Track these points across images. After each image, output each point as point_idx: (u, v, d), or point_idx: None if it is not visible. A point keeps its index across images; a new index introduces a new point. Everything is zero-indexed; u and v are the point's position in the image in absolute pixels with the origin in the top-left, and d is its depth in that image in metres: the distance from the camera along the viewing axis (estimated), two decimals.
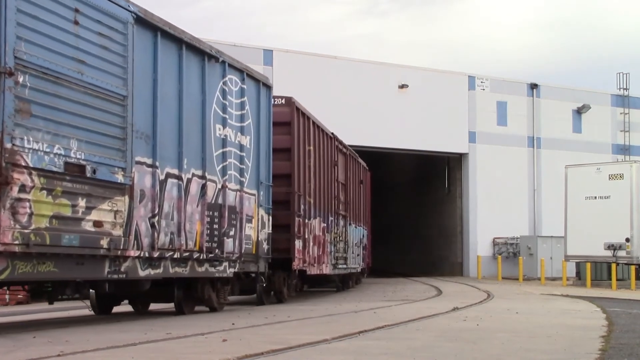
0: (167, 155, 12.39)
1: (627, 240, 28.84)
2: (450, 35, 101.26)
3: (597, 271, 29.14)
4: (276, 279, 17.72)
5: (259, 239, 15.81)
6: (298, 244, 17.99)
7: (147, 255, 11.71)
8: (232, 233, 14.50)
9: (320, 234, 20.55)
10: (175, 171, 12.62)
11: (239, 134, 14.92)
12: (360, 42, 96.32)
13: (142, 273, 11.79)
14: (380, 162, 43.04)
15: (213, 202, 13.79)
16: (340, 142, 23.70)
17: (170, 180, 12.46)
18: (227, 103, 14.41)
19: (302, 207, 18.35)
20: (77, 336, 9.47)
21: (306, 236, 18.77)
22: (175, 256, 12.52)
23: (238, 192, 14.84)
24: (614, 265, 28.16)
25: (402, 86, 38.83)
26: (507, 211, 40.56)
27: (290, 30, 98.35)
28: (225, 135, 14.30)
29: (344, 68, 37.52)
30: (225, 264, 14.36)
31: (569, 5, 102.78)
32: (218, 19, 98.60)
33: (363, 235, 29.02)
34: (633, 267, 28.55)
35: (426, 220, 46.40)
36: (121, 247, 11.02)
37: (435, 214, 44.81)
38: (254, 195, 15.60)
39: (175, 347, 8.47)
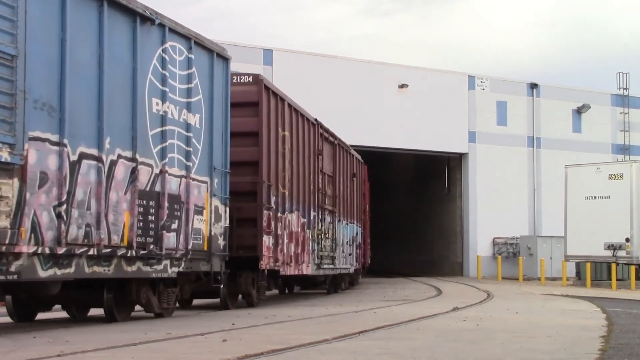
0: (82, 131, 10.37)
1: (627, 240, 28.85)
2: (450, 35, 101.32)
3: (597, 271, 29.15)
4: (243, 280, 15.90)
5: (213, 233, 13.73)
6: (267, 240, 16.20)
7: (49, 251, 9.64)
8: (174, 226, 12.53)
9: (299, 230, 18.69)
10: (93, 151, 10.59)
11: (184, 111, 12.91)
12: (361, 42, 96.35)
13: (44, 273, 9.63)
14: (380, 162, 43.04)
15: (148, 189, 11.78)
16: (326, 130, 21.89)
17: (85, 162, 10.43)
18: (168, 74, 12.37)
19: (272, 198, 16.55)
20: (77, 336, 9.47)
21: (279, 232, 16.92)
22: (91, 253, 10.46)
23: (183, 179, 12.85)
24: (613, 265, 28.17)
25: (402, 86, 38.83)
26: (507, 211, 40.57)
27: (290, 30, 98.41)
28: (165, 112, 12.29)
29: (344, 68, 37.51)
30: (166, 262, 12.37)
31: (569, 5, 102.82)
32: (218, 19, 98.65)
33: (356, 233, 27.24)
34: (633, 267, 28.56)
35: (426, 220, 46.39)
36: (7, 242, 8.92)
37: (435, 214, 44.80)
38: (205, 182, 13.57)
39: (175, 347, 8.47)
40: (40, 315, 13.23)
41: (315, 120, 20.46)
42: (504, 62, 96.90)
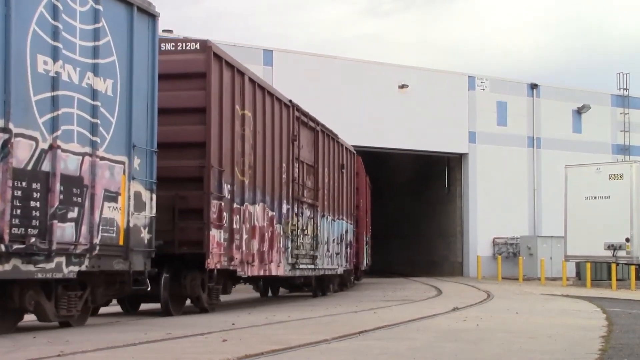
0: None
1: (627, 240, 28.84)
2: (450, 35, 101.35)
3: (597, 271, 29.15)
4: (188, 281, 13.70)
5: (132, 225, 11.36)
6: (218, 235, 13.92)
7: None
8: (72, 215, 10.24)
9: (266, 224, 16.47)
10: None
11: (89, 74, 10.70)
12: (361, 42, 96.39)
13: None
14: (380, 162, 43.08)
15: (30, 168, 9.55)
16: (305, 114, 19.57)
17: None
18: (62, 26, 10.13)
19: (226, 187, 14.34)
20: (77, 336, 9.47)
21: (235, 226, 14.66)
22: None
23: (87, 157, 10.57)
24: (613, 265, 28.17)
25: (402, 86, 38.83)
26: (507, 211, 40.57)
27: (291, 30, 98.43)
28: (58, 73, 10.04)
29: (344, 68, 37.52)
30: (60, 259, 10.05)
31: (569, 5, 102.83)
32: (219, 19, 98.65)
33: (346, 231, 24.57)
34: (633, 267, 28.56)
35: (426, 220, 46.39)
36: None
37: (435, 213, 44.81)
38: (121, 163, 11.23)
39: (175, 347, 8.47)
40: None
41: (290, 101, 18.25)
42: (504, 62, 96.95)
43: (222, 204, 14.16)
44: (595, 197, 29.87)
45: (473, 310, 15.39)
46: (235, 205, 14.74)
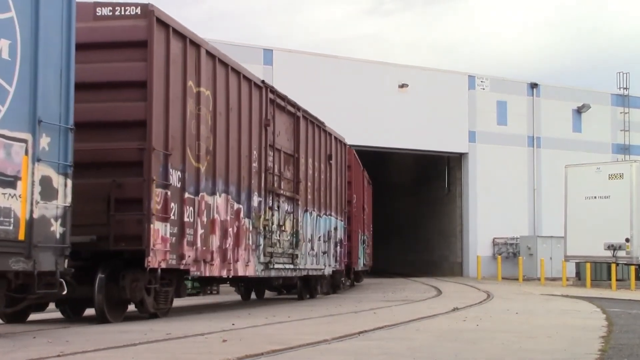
0: None
1: (627, 240, 28.85)
2: (450, 35, 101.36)
3: (597, 271, 29.15)
4: (128, 282, 11.81)
5: (38, 216, 9.51)
6: (163, 229, 12.02)
7: None
8: None
9: (230, 218, 14.55)
10: None
11: None
12: (362, 42, 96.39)
13: None
14: (380, 162, 43.08)
15: None
16: (282, 97, 17.55)
17: None
18: None
19: (175, 173, 12.46)
20: (77, 336, 9.47)
21: (187, 219, 12.75)
22: None
23: None
24: (613, 266, 28.17)
25: (402, 86, 38.84)
26: (507, 211, 40.58)
27: (293, 30, 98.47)
28: None
29: (344, 68, 37.53)
30: None
31: (569, 5, 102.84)
32: (220, 19, 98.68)
33: (335, 228, 22.34)
34: (633, 267, 28.57)
35: (426, 220, 46.41)
36: None
37: (435, 213, 44.83)
38: (21, 141, 9.34)
39: (175, 348, 8.47)
40: (40, 316, 13.23)
41: (263, 82, 16.35)
42: (504, 62, 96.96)
43: (169, 193, 12.18)
44: (595, 197, 29.87)
45: (473, 310, 15.39)
46: (187, 195, 12.76)
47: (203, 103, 13.36)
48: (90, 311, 12.68)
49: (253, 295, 20.76)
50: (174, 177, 12.48)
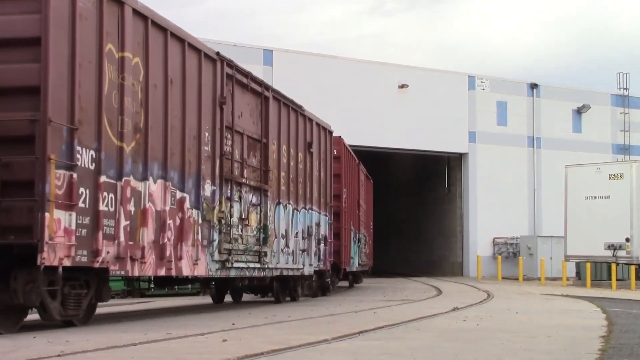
0: None
1: (627, 240, 28.85)
2: (451, 35, 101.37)
3: (597, 271, 29.15)
4: (20, 285, 9.83)
5: None
6: (66, 219, 9.92)
7: None
8: None
9: (170, 208, 12.25)
10: None
11: None
12: (363, 42, 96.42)
13: None
14: (380, 162, 43.08)
15: None
16: (245, 74, 15.46)
17: None
18: None
19: (83, 152, 10.29)
20: (77, 336, 9.47)
21: (104, 207, 10.56)
22: None
23: None
24: (613, 265, 28.17)
25: (402, 86, 38.85)
26: (507, 211, 40.60)
27: (294, 30, 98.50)
28: None
29: (344, 68, 37.54)
30: None
31: (569, 5, 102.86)
32: (219, 19, 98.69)
33: (317, 224, 20.02)
34: (633, 267, 28.57)
35: (426, 220, 46.42)
36: None
37: (435, 213, 44.83)
38: None
39: (175, 347, 8.47)
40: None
41: (218, 54, 14.16)
42: (504, 62, 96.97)
43: (75, 175, 10.07)
44: (595, 197, 29.87)
45: (473, 310, 15.39)
46: (104, 180, 10.61)
47: (129, 71, 11.20)
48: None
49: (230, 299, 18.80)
50: (85, 156, 10.35)
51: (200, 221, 13.28)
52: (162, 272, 12.12)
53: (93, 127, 10.48)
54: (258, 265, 15.84)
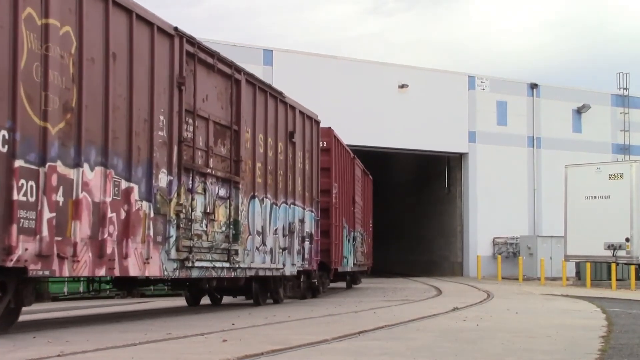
0: None
1: (627, 240, 28.85)
2: (451, 35, 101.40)
3: (597, 271, 29.16)
4: None
5: None
6: None
7: None
8: None
9: (113, 200, 10.65)
10: None
11: None
12: (363, 42, 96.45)
13: None
14: (380, 162, 43.08)
15: None
16: (211, 53, 13.92)
17: None
18: None
19: None
20: (77, 336, 9.47)
21: (20, 197, 8.89)
22: None
23: None
24: (613, 265, 28.17)
25: (402, 86, 38.86)
26: (507, 211, 40.61)
27: (293, 30, 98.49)
28: None
29: (344, 68, 37.55)
30: None
31: (569, 5, 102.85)
32: (220, 19, 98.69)
33: (301, 220, 18.45)
34: (633, 267, 28.58)
35: (426, 220, 46.43)
36: None
37: (435, 213, 44.84)
38: None
39: (175, 347, 8.47)
40: (40, 316, 13.24)
41: (176, 29, 12.57)
42: (504, 62, 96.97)
43: None
44: (595, 197, 29.88)
45: (473, 310, 15.39)
46: (19, 164, 8.94)
47: (55, 41, 9.57)
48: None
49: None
50: None
51: (152, 215, 11.66)
52: (101, 273, 10.54)
53: (6, 103, 8.82)
54: (227, 265, 14.31)
